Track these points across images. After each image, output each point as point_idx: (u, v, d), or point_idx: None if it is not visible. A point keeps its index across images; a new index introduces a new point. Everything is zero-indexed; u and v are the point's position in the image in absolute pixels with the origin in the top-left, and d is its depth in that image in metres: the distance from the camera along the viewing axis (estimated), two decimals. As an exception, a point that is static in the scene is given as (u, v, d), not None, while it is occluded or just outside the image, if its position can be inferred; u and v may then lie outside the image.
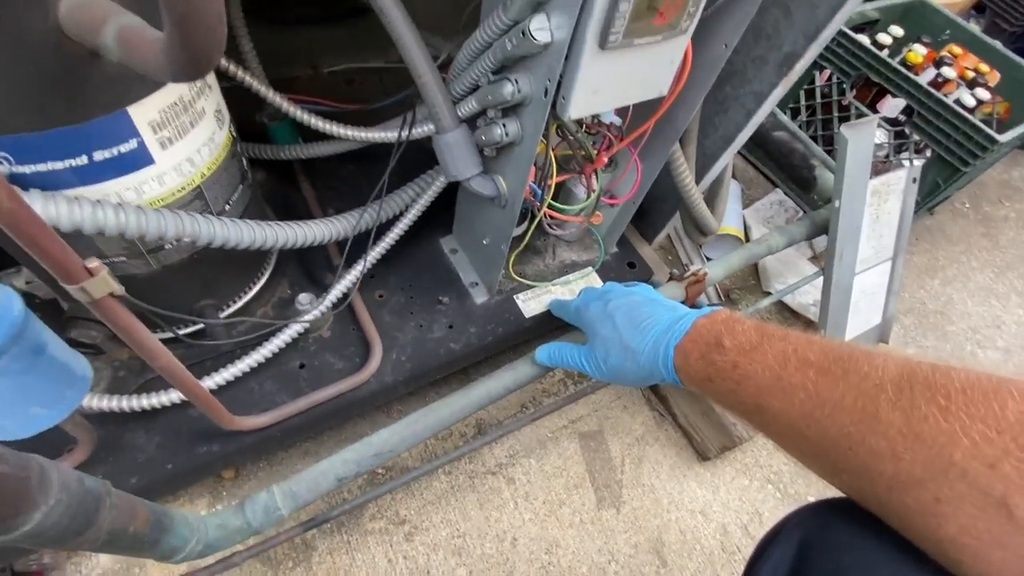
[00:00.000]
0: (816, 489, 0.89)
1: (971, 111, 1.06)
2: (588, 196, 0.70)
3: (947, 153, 1.05)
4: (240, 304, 0.63)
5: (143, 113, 0.40)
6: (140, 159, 0.42)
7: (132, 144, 0.41)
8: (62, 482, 0.26)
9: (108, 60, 0.34)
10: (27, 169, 0.38)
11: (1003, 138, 0.97)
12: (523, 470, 0.83)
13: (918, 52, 1.16)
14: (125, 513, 0.32)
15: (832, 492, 0.37)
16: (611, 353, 0.49)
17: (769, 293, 1.10)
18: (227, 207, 0.53)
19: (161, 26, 0.28)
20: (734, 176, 1.23)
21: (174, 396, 0.56)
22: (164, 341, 0.60)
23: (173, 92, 0.42)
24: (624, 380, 0.51)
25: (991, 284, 1.28)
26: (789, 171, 1.04)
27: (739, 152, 1.35)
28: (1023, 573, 0.24)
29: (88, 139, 0.38)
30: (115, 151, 0.40)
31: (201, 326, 0.60)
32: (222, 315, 0.60)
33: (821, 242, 1.14)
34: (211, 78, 0.48)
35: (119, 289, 0.33)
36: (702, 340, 0.43)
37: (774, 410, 0.37)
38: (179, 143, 0.44)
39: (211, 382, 0.58)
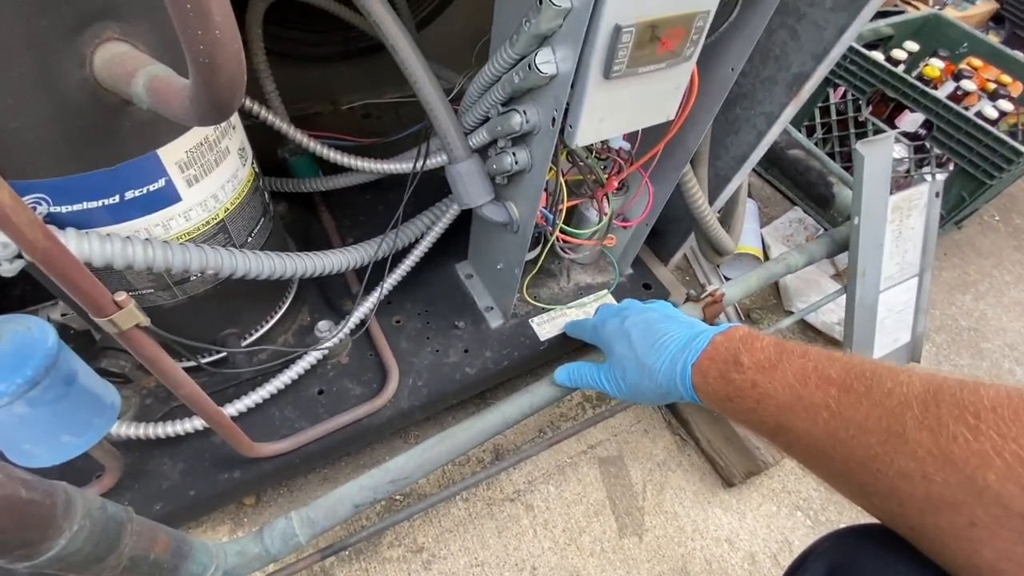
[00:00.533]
0: (849, 516, 0.85)
1: (994, 123, 1.04)
2: (600, 220, 0.70)
3: (971, 166, 1.02)
4: (261, 332, 0.65)
5: (171, 154, 0.43)
6: (168, 197, 0.44)
7: (160, 183, 0.43)
8: (86, 508, 0.27)
9: (139, 108, 0.36)
10: (63, 209, 0.40)
11: (1029, 149, 0.94)
12: (542, 496, 0.81)
13: (935, 66, 1.15)
14: (146, 539, 0.33)
15: (865, 518, 0.36)
16: (628, 371, 0.49)
17: (791, 312, 1.08)
18: (249, 239, 0.55)
19: (187, 74, 0.30)
20: (750, 195, 1.22)
21: (197, 423, 0.57)
22: (187, 370, 0.62)
23: (199, 133, 0.44)
24: (643, 398, 0.50)
25: (1027, 299, 1.23)
26: (806, 189, 1.03)
27: (755, 171, 1.35)
28: None
29: (120, 180, 0.41)
30: (145, 190, 0.42)
31: (223, 354, 0.61)
32: (244, 343, 0.62)
33: (844, 259, 1.12)
34: (235, 118, 0.50)
35: (145, 320, 0.35)
36: (720, 358, 0.42)
37: (797, 430, 0.36)
38: (204, 180, 0.47)
39: (232, 409, 0.60)
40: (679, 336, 0.47)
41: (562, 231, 0.69)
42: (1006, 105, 1.10)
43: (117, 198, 0.41)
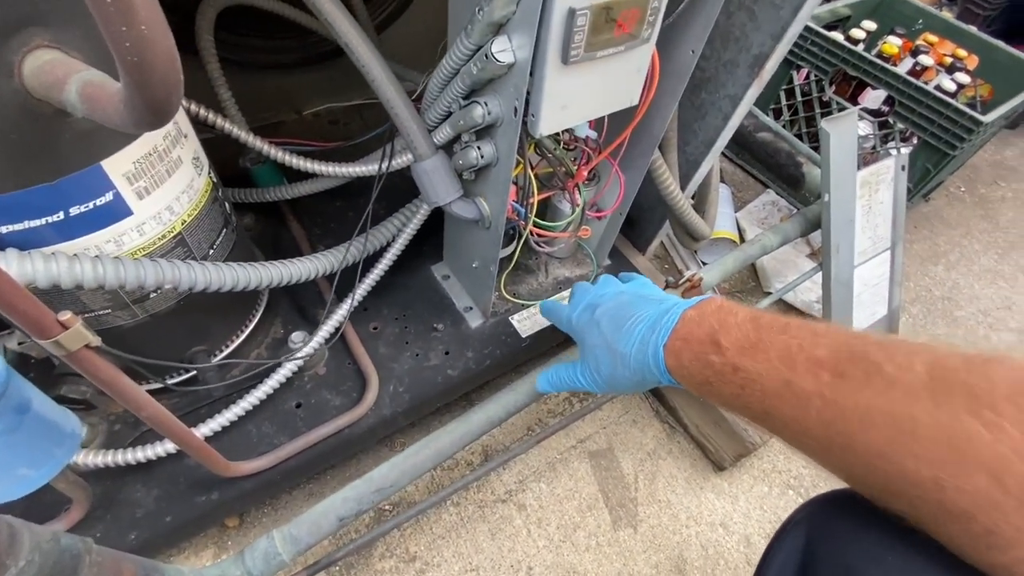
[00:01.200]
0: (839, 491, 0.86)
1: (953, 95, 1.06)
2: (573, 211, 0.69)
3: (933, 139, 1.04)
4: (232, 348, 0.63)
5: (117, 166, 0.41)
6: (118, 211, 0.42)
7: (108, 197, 0.41)
8: (34, 542, 0.25)
9: (75, 116, 0.34)
10: (3, 229, 0.38)
11: (987, 119, 0.96)
12: (534, 495, 0.80)
13: (893, 44, 1.16)
14: (109, 570, 0.31)
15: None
16: (601, 361, 0.45)
17: (769, 294, 1.08)
18: (211, 252, 0.53)
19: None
20: (723, 180, 1.23)
21: (169, 446, 0.55)
22: (156, 392, 0.60)
23: (147, 143, 0.43)
24: (621, 388, 0.46)
25: (996, 265, 1.26)
26: (777, 171, 1.04)
27: (727, 156, 1.36)
28: None
29: (63, 196, 0.39)
30: (91, 205, 0.40)
31: (194, 374, 0.59)
32: (214, 360, 0.60)
33: (819, 237, 1.14)
34: (186, 126, 0.49)
35: (95, 340, 0.33)
36: (694, 339, 0.38)
37: (786, 417, 0.33)
38: (157, 192, 0.45)
39: (206, 429, 0.58)
40: (648, 316, 0.43)
41: (536, 225, 0.68)
42: (963, 77, 1.12)
43: (62, 215, 0.39)
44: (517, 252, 0.70)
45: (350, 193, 0.83)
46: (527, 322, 0.79)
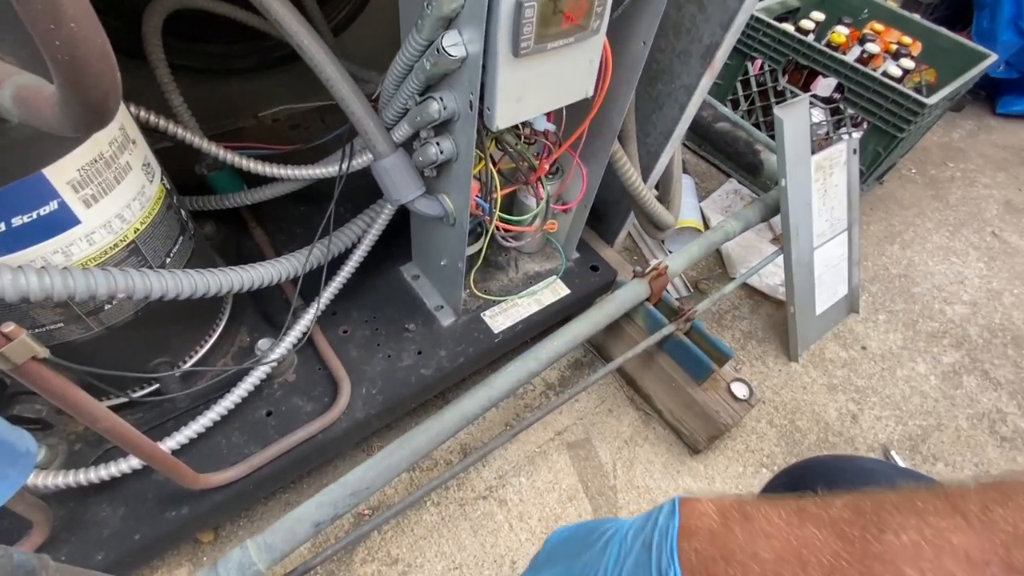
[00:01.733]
0: (810, 466, 0.89)
1: (899, 80, 1.10)
2: (538, 205, 0.70)
3: (882, 122, 1.09)
4: (196, 358, 0.62)
5: (61, 173, 0.40)
6: (64, 220, 0.41)
7: (53, 206, 0.40)
8: (-18, 560, 0.25)
9: (12, 123, 0.33)
10: (-59, 243, 0.36)
11: (931, 101, 1.01)
12: (514, 489, 0.81)
13: (841, 33, 1.21)
14: (67, 587, 0.30)
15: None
16: None
17: (734, 279, 1.11)
18: (168, 260, 0.52)
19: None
20: (686, 171, 1.26)
21: (134, 462, 0.54)
22: (119, 407, 0.58)
23: (92, 149, 0.41)
24: None
25: (948, 242, 1.32)
26: (736, 159, 1.07)
27: (689, 147, 1.39)
28: None
29: (4, 206, 0.38)
30: (35, 215, 0.39)
31: (157, 387, 0.58)
32: (178, 371, 0.58)
33: (780, 222, 1.17)
34: (134, 132, 0.48)
35: (42, 352, 0.32)
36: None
37: None
38: (105, 200, 0.44)
39: (172, 442, 0.56)
40: (622, 529, 0.29)
41: (502, 220, 0.68)
42: (908, 63, 1.17)
43: (3, 226, 0.38)
44: (484, 248, 0.70)
45: (314, 197, 0.82)
46: (499, 318, 0.80)
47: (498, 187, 0.62)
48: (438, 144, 0.53)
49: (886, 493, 0.22)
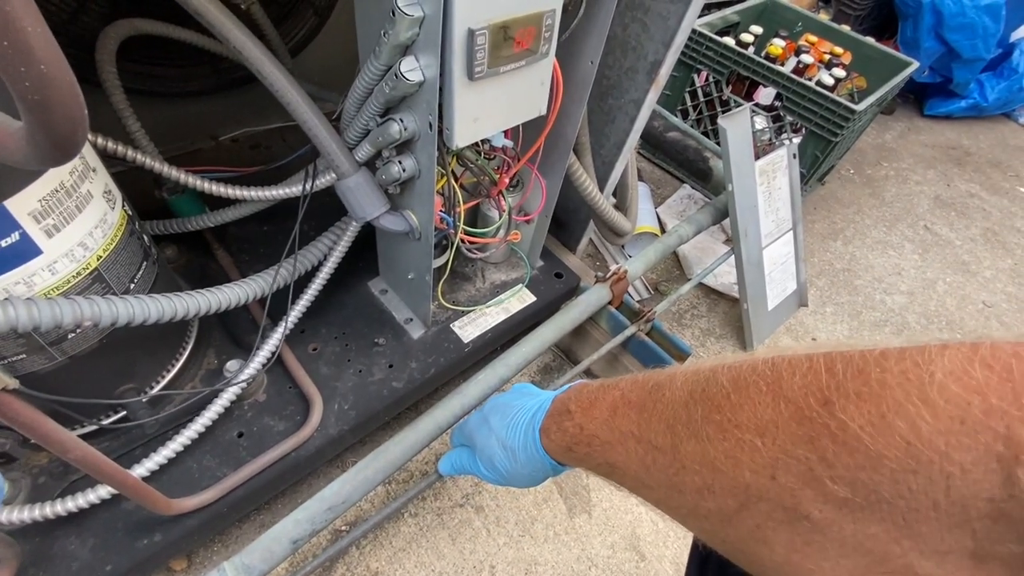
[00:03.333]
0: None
1: (831, 89, 1.19)
2: (501, 217, 0.73)
3: (818, 128, 1.16)
4: (164, 383, 0.61)
5: (21, 205, 0.40)
6: (25, 251, 0.41)
7: (14, 237, 0.40)
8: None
9: (-28, 158, 0.34)
10: (-103, 280, 0.36)
11: (860, 107, 1.09)
12: (490, 496, 0.82)
13: (777, 45, 1.29)
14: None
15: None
16: (495, 457, 0.45)
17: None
18: (132, 286, 0.52)
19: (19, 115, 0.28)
20: (642, 179, 1.31)
21: (102, 492, 0.53)
22: (88, 436, 0.57)
23: (52, 180, 0.42)
24: (519, 482, 0.46)
25: (885, 237, 1.41)
26: (687, 166, 1.12)
27: (644, 156, 1.45)
28: (851, 568, 0.21)
29: (-37, 239, 0.38)
30: (-4, 247, 0.39)
31: (125, 413, 0.57)
32: (145, 396, 0.58)
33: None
34: (94, 159, 0.48)
35: (12, 383, 0.32)
36: (556, 412, 0.40)
37: (619, 464, 0.33)
38: (67, 229, 0.44)
39: (143, 468, 0.56)
40: (529, 407, 0.43)
41: (466, 232, 0.70)
42: (839, 72, 1.25)
43: (-37, 259, 0.38)
44: (450, 260, 0.72)
45: (279, 216, 0.82)
46: (469, 328, 0.82)
47: (461, 201, 0.64)
48: (400, 163, 0.55)
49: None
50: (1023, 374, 0.17)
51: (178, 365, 0.63)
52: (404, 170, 0.55)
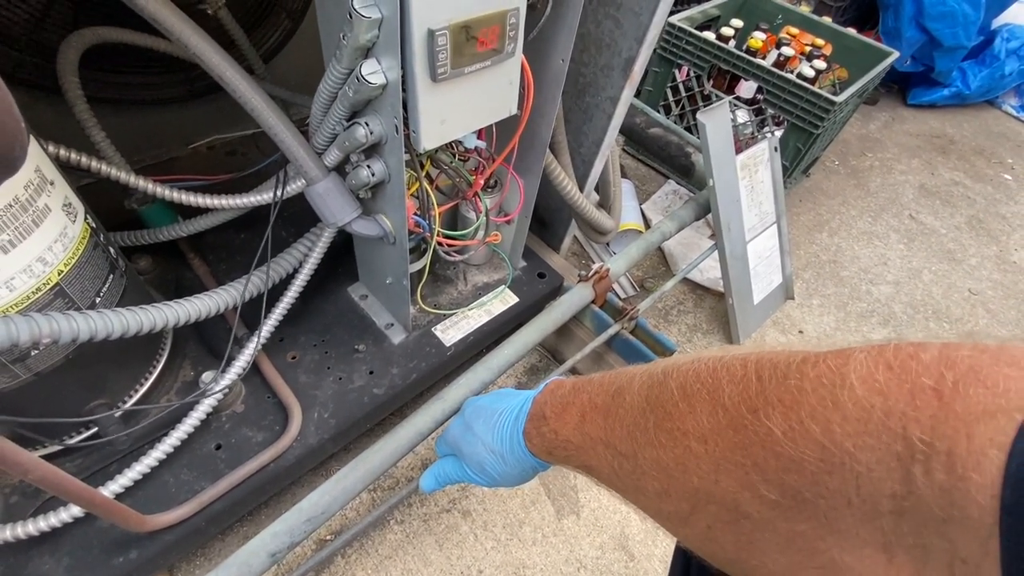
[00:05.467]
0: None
1: (812, 81, 1.18)
2: (479, 218, 0.72)
3: (799, 120, 1.16)
4: (137, 397, 0.60)
5: (-28, 221, 0.39)
6: (-21, 268, 0.40)
7: (-34, 254, 0.39)
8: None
9: (-88, 174, 0.33)
10: None
11: (840, 98, 1.09)
12: (477, 500, 0.82)
13: (758, 38, 1.29)
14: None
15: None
16: (485, 462, 0.45)
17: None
18: (98, 300, 0.51)
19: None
20: (625, 176, 1.30)
21: (74, 510, 0.52)
22: (57, 454, 0.56)
23: (5, 194, 0.41)
24: (510, 482, 0.46)
25: (871, 227, 1.41)
26: (670, 162, 1.12)
27: (628, 152, 1.44)
28: (789, 572, 0.22)
29: (-90, 258, 0.36)
30: (-54, 265, 0.38)
31: (93, 429, 0.56)
32: (117, 412, 0.57)
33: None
34: (52, 172, 0.47)
35: (-41, 406, 0.31)
36: (534, 416, 0.40)
37: (594, 467, 0.33)
38: (24, 244, 0.43)
39: (116, 485, 0.55)
40: (511, 410, 0.44)
41: (444, 235, 0.70)
42: (820, 64, 1.25)
43: (-89, 279, 0.37)
44: (429, 263, 0.72)
45: (255, 223, 0.82)
46: (451, 331, 0.81)
47: (435, 204, 0.63)
48: (369, 167, 0.54)
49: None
50: (919, 374, 0.18)
51: (152, 378, 0.62)
52: (373, 174, 0.55)
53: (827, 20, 1.44)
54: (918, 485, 0.17)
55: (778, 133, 1.23)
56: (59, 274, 0.46)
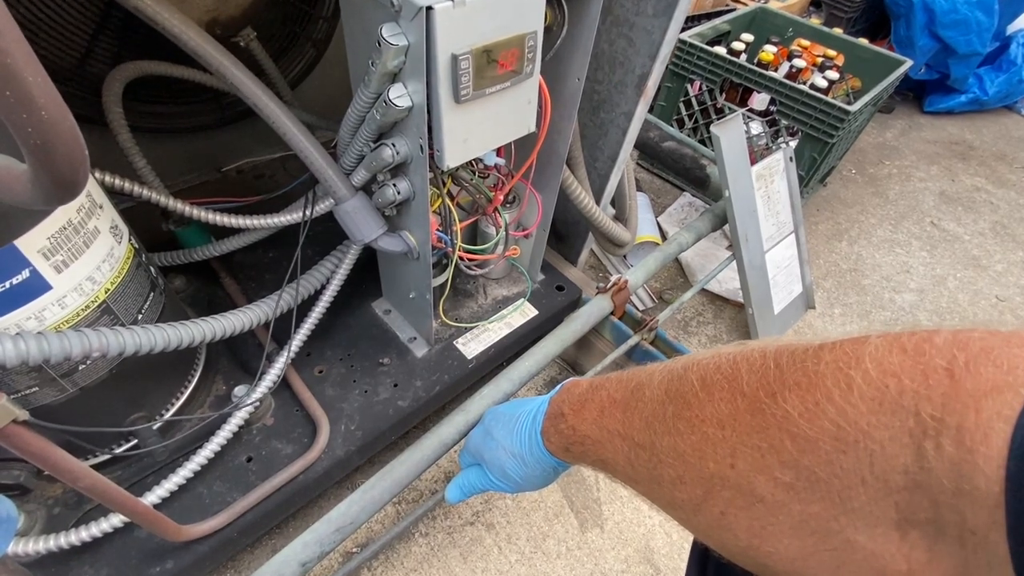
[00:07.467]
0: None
1: (825, 91, 1.19)
2: (499, 233, 0.74)
3: (813, 131, 1.17)
4: (174, 410, 0.63)
5: (31, 243, 0.42)
6: (36, 287, 0.43)
7: (24, 274, 0.42)
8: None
9: (-17, 201, 0.35)
10: (-84, 319, 0.38)
11: (854, 107, 1.09)
12: (500, 512, 0.82)
13: (769, 51, 1.30)
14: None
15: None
16: (507, 466, 0.47)
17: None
18: (139, 316, 0.54)
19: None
20: (640, 189, 1.32)
21: (115, 521, 0.54)
22: (100, 465, 0.58)
23: (61, 217, 0.44)
24: (533, 484, 0.47)
25: (891, 235, 1.40)
26: (685, 175, 1.13)
27: (643, 166, 1.46)
28: (801, 556, 0.22)
29: (-24, 279, 0.39)
30: (7, 284, 0.41)
31: (133, 441, 0.58)
32: (156, 424, 0.59)
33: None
34: (100, 197, 0.50)
35: (22, 415, 0.34)
36: (552, 415, 0.42)
37: (610, 460, 0.35)
38: (75, 264, 0.46)
39: (154, 496, 0.57)
40: (528, 413, 0.45)
41: (465, 249, 0.72)
42: (833, 74, 1.26)
43: (-24, 298, 0.40)
44: (450, 277, 0.74)
45: (283, 243, 0.84)
46: (472, 344, 0.82)
47: (456, 220, 0.65)
48: (395, 185, 0.56)
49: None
50: (932, 356, 0.18)
51: (187, 392, 0.64)
52: (399, 192, 0.57)
53: (838, 31, 1.45)
54: (929, 459, 0.17)
55: (793, 144, 1.24)
56: (106, 292, 0.49)
